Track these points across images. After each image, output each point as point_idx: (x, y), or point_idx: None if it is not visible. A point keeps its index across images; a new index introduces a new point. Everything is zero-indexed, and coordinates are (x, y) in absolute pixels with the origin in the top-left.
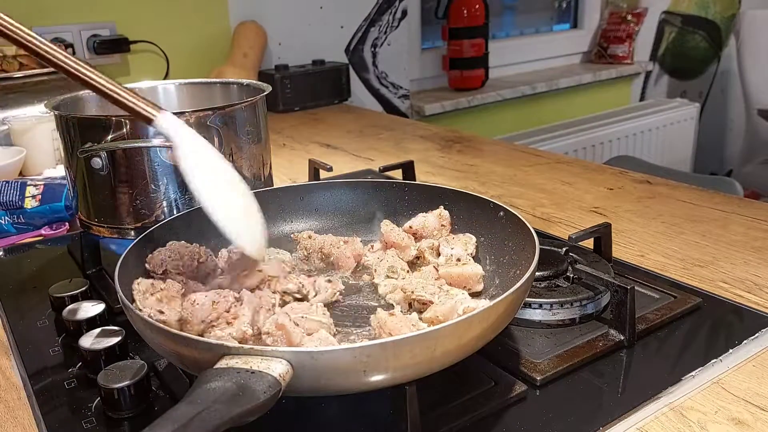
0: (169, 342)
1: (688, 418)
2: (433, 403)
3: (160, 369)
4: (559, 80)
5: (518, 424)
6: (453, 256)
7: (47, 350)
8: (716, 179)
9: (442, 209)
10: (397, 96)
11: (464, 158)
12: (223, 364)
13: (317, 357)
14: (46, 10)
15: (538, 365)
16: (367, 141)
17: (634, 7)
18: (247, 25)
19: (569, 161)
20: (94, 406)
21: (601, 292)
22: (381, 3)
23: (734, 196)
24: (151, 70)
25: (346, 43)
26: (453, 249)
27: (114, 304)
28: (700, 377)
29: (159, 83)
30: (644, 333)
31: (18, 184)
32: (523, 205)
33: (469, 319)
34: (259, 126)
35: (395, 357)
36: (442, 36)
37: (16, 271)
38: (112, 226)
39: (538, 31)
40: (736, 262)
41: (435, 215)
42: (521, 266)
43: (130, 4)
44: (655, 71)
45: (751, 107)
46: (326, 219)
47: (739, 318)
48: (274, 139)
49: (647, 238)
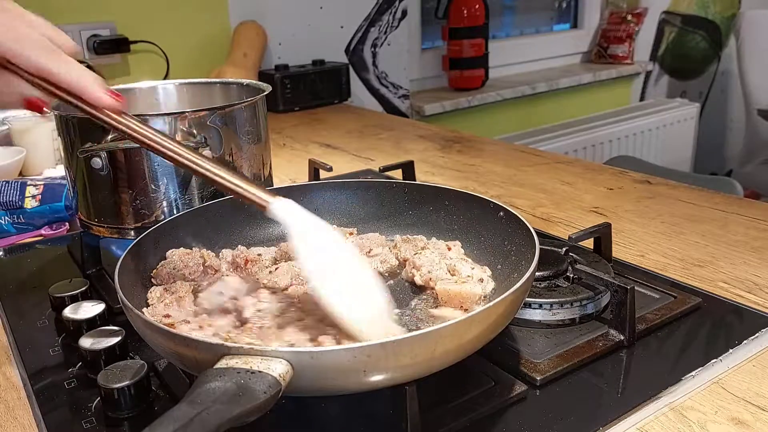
0: (169, 342)
1: (688, 418)
2: (433, 403)
3: (160, 369)
4: (559, 80)
5: (518, 424)
6: (473, 277)
7: (47, 350)
8: (716, 179)
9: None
10: (397, 96)
11: (464, 158)
12: (223, 364)
13: (317, 357)
14: (46, 10)
15: (538, 365)
16: (367, 141)
17: (634, 7)
18: (247, 25)
19: (569, 161)
20: (94, 406)
21: (601, 292)
22: (381, 3)
23: (734, 196)
24: (151, 70)
25: (346, 43)
26: (474, 269)
27: (114, 304)
28: (700, 377)
29: (159, 83)
30: (644, 333)
31: (18, 184)
32: (523, 205)
33: (469, 319)
34: (259, 126)
35: (395, 357)
36: (442, 36)
37: (16, 271)
38: (112, 226)
39: (538, 31)
40: (736, 262)
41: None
42: (521, 266)
43: (130, 4)
44: (655, 71)
45: (751, 107)
46: (326, 219)
47: (739, 318)
48: (274, 139)
49: (647, 238)
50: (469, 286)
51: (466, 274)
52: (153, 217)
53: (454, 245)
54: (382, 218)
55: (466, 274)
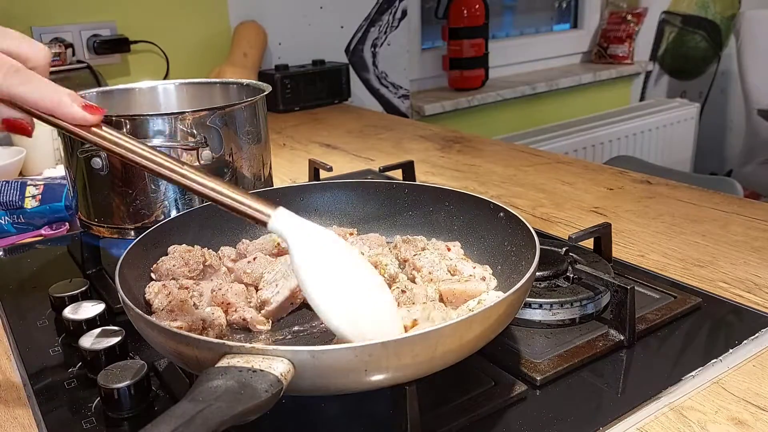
0: (169, 341)
1: (688, 418)
2: (433, 403)
3: (160, 369)
4: (559, 80)
5: (518, 424)
6: (475, 276)
7: (47, 350)
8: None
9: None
10: (397, 96)
11: (464, 158)
12: (225, 363)
13: (318, 356)
14: (46, 10)
15: (538, 365)
16: (367, 141)
17: (634, 7)
18: (247, 24)
19: (569, 161)
20: (94, 406)
21: (601, 292)
22: (381, 3)
23: (734, 196)
24: (151, 70)
25: (346, 43)
26: (475, 268)
27: (114, 304)
28: (700, 377)
29: (159, 83)
30: (644, 333)
31: (18, 184)
32: (523, 205)
33: (470, 319)
34: (259, 126)
35: (396, 356)
36: (442, 36)
37: (16, 271)
38: (112, 226)
39: (538, 31)
40: (736, 262)
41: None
42: (521, 266)
43: (130, 4)
44: (655, 71)
45: (751, 107)
46: (326, 219)
47: (739, 318)
48: (274, 139)
49: (647, 238)
50: (474, 284)
51: (468, 274)
52: (153, 217)
53: (454, 246)
54: (382, 218)
55: (468, 273)
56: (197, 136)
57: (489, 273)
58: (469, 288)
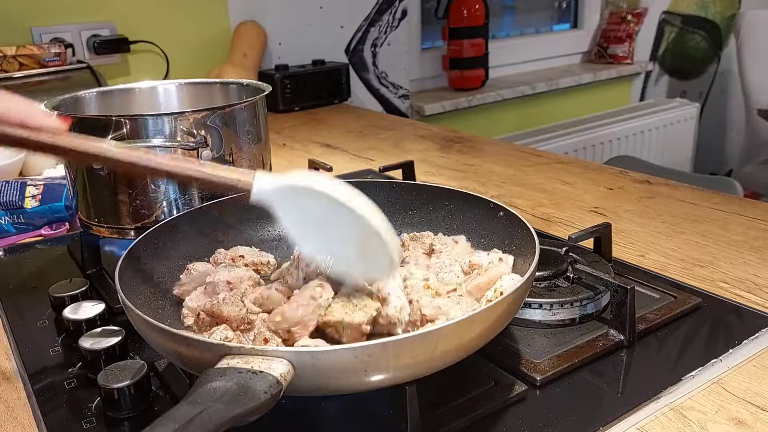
0: (169, 342)
1: (688, 418)
2: (433, 403)
3: (160, 369)
4: (559, 80)
5: (518, 424)
6: (493, 261)
7: (47, 350)
8: (716, 179)
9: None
10: (397, 96)
11: (464, 158)
12: (224, 364)
13: (318, 357)
14: (46, 10)
15: (538, 365)
16: (367, 141)
17: (634, 7)
18: (247, 25)
19: (569, 161)
20: (94, 406)
21: (601, 292)
22: (381, 3)
23: (734, 196)
24: (151, 70)
25: (346, 43)
26: (488, 254)
27: (114, 304)
28: (700, 377)
29: (159, 83)
30: (644, 333)
31: (18, 184)
32: (523, 205)
33: (470, 319)
34: (259, 126)
35: (396, 356)
36: (442, 36)
37: (16, 271)
38: (112, 226)
39: (538, 31)
40: (736, 262)
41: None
42: (521, 266)
43: (130, 4)
44: (655, 71)
45: (751, 107)
46: None
47: (739, 318)
48: (274, 139)
49: (647, 238)
50: (494, 270)
51: (487, 262)
52: (153, 217)
53: (459, 239)
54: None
55: (487, 262)
56: (197, 136)
57: (501, 253)
58: (492, 275)
